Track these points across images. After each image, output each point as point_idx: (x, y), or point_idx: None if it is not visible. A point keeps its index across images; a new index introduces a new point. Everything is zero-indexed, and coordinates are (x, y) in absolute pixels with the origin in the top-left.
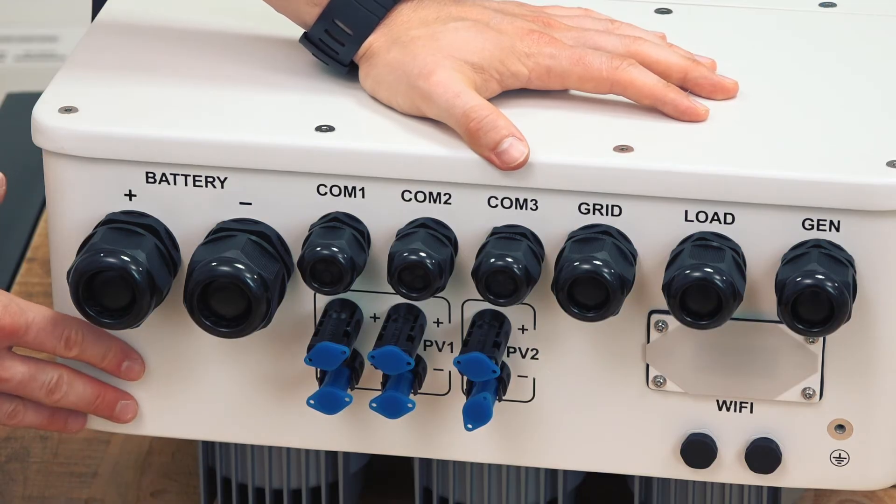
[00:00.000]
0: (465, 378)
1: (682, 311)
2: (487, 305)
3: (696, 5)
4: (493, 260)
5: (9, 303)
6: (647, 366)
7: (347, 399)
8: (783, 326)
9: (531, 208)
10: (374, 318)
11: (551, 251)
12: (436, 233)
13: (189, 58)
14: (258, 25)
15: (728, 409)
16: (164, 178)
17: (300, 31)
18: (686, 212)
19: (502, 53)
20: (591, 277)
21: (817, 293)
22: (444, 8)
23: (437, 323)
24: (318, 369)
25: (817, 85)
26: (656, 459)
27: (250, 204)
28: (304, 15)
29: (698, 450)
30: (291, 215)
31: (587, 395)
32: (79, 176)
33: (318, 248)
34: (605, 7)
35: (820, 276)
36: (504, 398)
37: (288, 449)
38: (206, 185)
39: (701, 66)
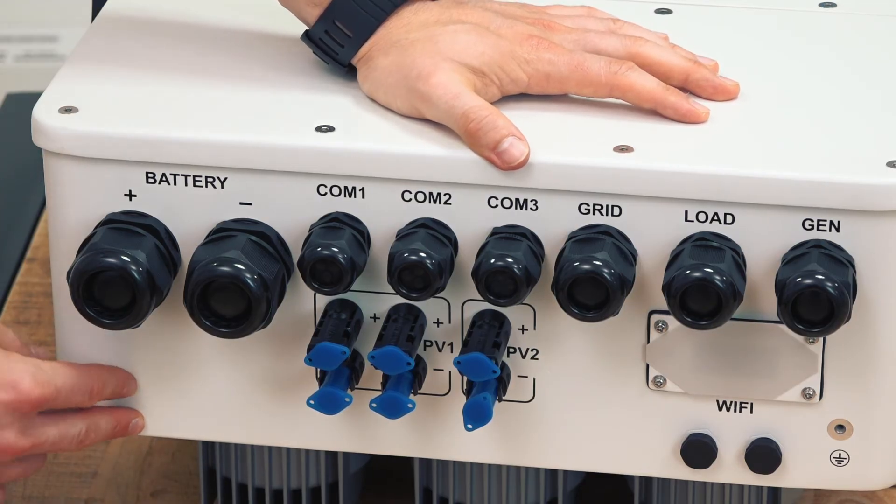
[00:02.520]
0: (465, 378)
1: (682, 311)
2: (487, 305)
3: (697, 5)
4: (493, 260)
5: (36, 371)
6: (647, 366)
7: (347, 399)
8: (783, 326)
9: (531, 208)
10: (374, 318)
11: (551, 251)
12: (436, 233)
13: (189, 58)
14: (258, 25)
15: (728, 410)
16: (164, 178)
17: (300, 30)
18: (686, 212)
19: (502, 59)
20: (591, 277)
21: (817, 293)
22: (444, 11)
23: (437, 323)
24: (318, 369)
25: (817, 85)
26: (656, 459)
27: (250, 204)
28: (306, 14)
29: (698, 450)
30: (291, 215)
31: (587, 395)
32: (79, 176)
33: (318, 248)
34: (605, 7)
35: (820, 277)
36: (504, 398)
37: (288, 449)
38: (206, 185)
39: (703, 67)
